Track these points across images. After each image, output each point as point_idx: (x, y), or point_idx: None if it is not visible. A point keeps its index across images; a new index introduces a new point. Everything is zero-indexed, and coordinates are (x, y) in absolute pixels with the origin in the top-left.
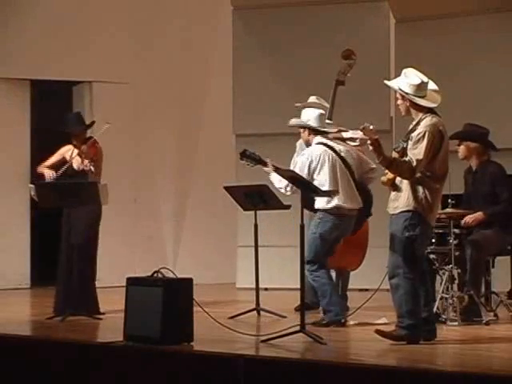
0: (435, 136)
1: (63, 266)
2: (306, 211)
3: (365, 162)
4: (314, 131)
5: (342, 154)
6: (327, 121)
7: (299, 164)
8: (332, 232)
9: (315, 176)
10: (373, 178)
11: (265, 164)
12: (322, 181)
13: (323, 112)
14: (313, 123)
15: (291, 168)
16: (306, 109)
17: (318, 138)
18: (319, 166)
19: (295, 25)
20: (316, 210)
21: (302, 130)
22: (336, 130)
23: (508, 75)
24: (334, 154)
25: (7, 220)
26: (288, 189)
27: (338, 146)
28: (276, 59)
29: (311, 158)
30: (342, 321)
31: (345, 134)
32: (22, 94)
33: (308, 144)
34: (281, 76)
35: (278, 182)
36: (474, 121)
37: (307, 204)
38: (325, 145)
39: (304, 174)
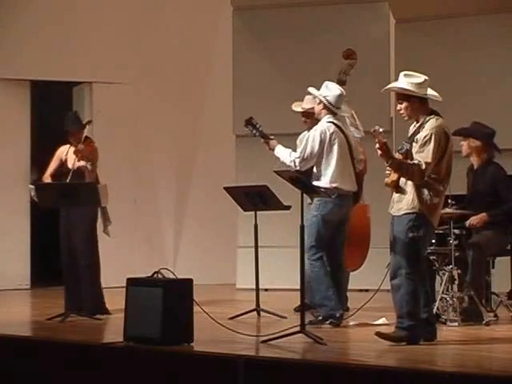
0: (441, 138)
1: (66, 268)
2: (305, 209)
3: (358, 152)
4: (327, 108)
5: (349, 138)
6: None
7: (311, 138)
8: (335, 213)
9: (325, 154)
10: (358, 169)
11: (268, 139)
12: (331, 160)
13: (343, 93)
14: (330, 99)
15: (297, 143)
16: (329, 83)
17: (330, 117)
18: (331, 144)
19: (295, 25)
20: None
21: (317, 101)
22: (349, 114)
23: (508, 75)
24: (342, 136)
25: (7, 220)
26: (297, 162)
27: (346, 129)
28: (276, 59)
29: (324, 136)
30: (337, 315)
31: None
32: (22, 94)
33: (318, 118)
34: (281, 76)
35: (288, 156)
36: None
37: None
38: (335, 125)
39: (315, 149)
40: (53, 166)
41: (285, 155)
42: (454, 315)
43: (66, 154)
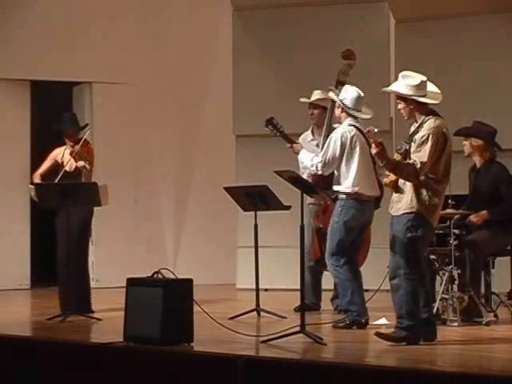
0: (439, 138)
1: (63, 267)
2: (305, 210)
3: None
4: (346, 112)
5: (370, 141)
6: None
7: (332, 142)
8: (357, 218)
9: (345, 157)
10: (380, 174)
11: (292, 143)
12: (352, 163)
13: (362, 95)
14: (347, 103)
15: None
16: (348, 86)
17: (351, 120)
18: (352, 147)
19: (295, 25)
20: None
21: (337, 104)
22: (369, 116)
23: (509, 75)
24: (364, 139)
25: (7, 220)
26: (319, 167)
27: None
28: (276, 59)
29: (345, 139)
30: (363, 321)
31: None
32: (22, 94)
33: (338, 121)
34: (281, 76)
35: (310, 161)
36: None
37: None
38: (357, 128)
39: (337, 152)
40: (45, 166)
41: (307, 160)
42: (453, 315)
43: (62, 156)
